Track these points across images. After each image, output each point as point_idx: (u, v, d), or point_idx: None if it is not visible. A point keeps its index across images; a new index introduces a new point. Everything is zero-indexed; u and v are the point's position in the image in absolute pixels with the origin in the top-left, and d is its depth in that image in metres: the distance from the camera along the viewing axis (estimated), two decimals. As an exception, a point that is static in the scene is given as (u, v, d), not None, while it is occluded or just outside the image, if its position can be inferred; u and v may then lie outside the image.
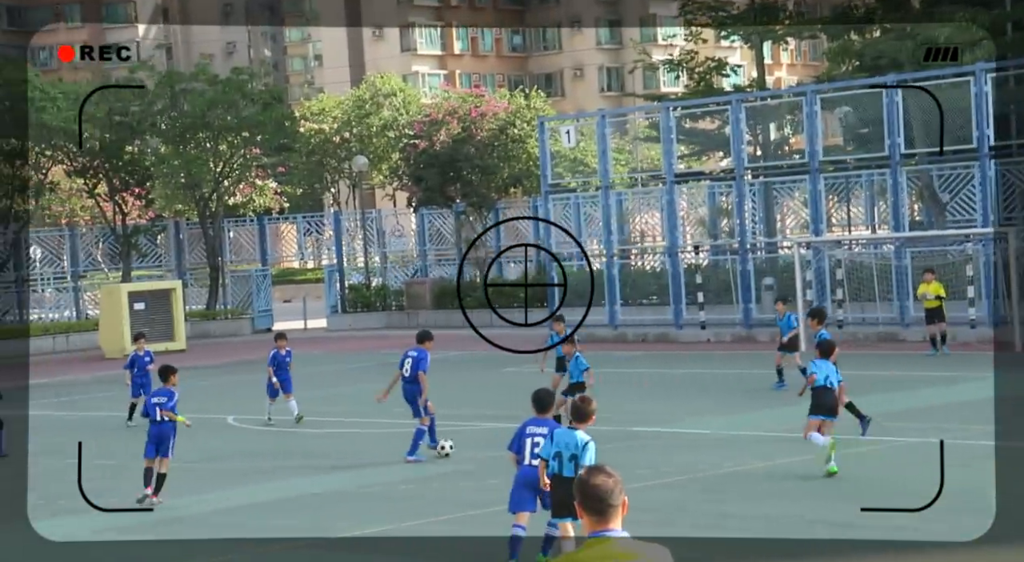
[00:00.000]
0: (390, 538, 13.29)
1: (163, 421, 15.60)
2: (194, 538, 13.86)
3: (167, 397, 15.79)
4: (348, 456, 18.24)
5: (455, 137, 44.28)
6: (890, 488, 13.89)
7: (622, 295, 35.79)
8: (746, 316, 33.15)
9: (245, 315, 45.14)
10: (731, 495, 14.43)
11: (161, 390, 16.04)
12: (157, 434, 15.57)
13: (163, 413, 15.66)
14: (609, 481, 5.27)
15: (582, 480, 5.31)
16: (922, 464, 14.86)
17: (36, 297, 45.49)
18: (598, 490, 5.24)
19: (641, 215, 41.77)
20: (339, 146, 61.76)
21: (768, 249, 36.08)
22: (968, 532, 12.00)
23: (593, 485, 5.26)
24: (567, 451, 10.83)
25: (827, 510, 13.32)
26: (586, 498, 5.27)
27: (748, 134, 35.80)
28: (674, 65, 46.59)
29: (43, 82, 42.95)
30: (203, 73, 44.91)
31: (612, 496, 5.24)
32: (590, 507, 5.25)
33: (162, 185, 45.99)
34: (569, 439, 10.88)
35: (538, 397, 11.66)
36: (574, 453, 10.79)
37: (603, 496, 5.23)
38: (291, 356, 22.22)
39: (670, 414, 20.68)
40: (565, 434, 11.00)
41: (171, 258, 47.77)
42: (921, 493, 13.19)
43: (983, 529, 12.06)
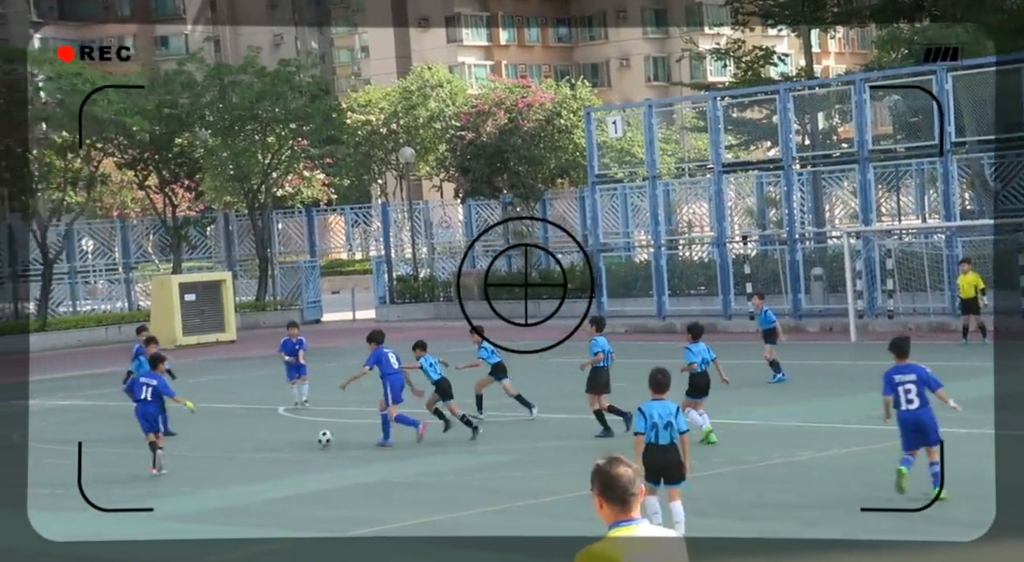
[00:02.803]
0: (438, 528, 13.34)
1: (147, 400, 16.88)
2: (241, 527, 13.99)
3: (156, 380, 17.14)
4: (396, 446, 18.31)
5: (502, 128, 44.30)
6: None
7: (670, 285, 35.69)
8: (795, 306, 32.97)
9: (294, 306, 45.41)
10: (775, 486, 14.37)
11: (151, 373, 17.30)
12: (143, 413, 16.85)
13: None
14: (629, 471, 5.45)
15: (604, 471, 5.46)
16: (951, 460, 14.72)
17: (88, 288, 46.00)
18: (621, 480, 5.42)
19: (688, 205, 41.63)
20: (386, 137, 61.93)
21: (817, 239, 35.86)
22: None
23: (616, 475, 5.43)
24: (661, 420, 11.55)
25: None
26: (608, 488, 5.43)
27: (796, 123, 35.57)
28: (721, 54, 46.35)
29: (94, 75, 43.32)
30: (251, 65, 45.14)
31: (633, 485, 5.43)
32: (613, 497, 5.42)
33: (211, 177, 46.33)
34: (661, 409, 11.64)
35: (655, 380, 11.97)
36: (668, 421, 11.56)
37: (626, 486, 5.41)
38: (303, 345, 22.68)
39: (718, 405, 20.60)
40: (656, 405, 11.68)
41: (221, 249, 48.11)
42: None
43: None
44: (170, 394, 17.36)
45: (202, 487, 16.36)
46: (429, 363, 18.55)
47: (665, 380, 12.01)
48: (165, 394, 17.27)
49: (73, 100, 40.26)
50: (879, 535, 12.24)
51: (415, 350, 18.74)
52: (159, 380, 17.32)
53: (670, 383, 12.13)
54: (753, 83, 42.10)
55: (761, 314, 23.32)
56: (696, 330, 17.65)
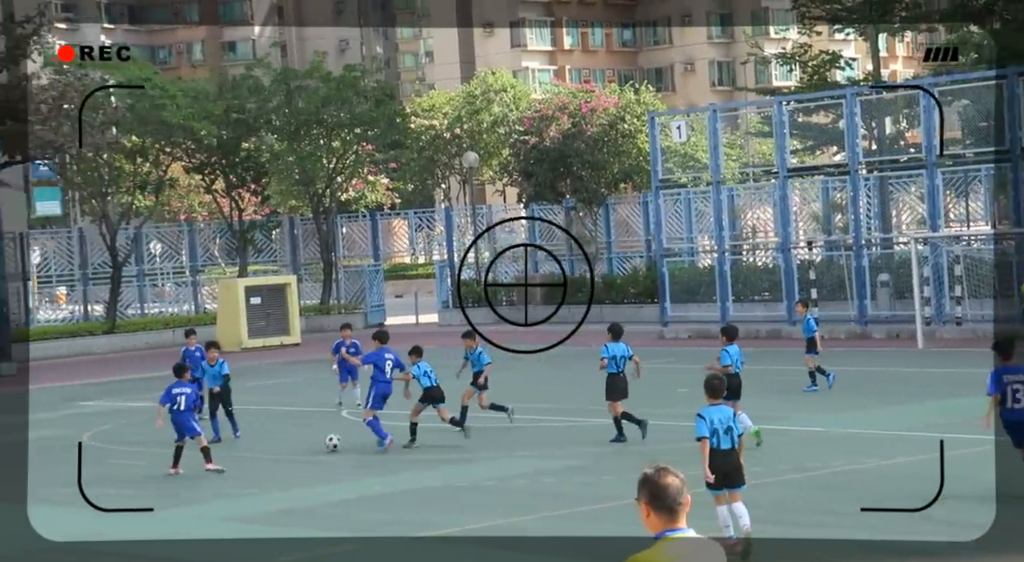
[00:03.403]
0: (504, 532, 13.36)
1: (179, 409, 17.34)
2: (308, 528, 14.09)
3: (189, 389, 17.62)
4: (460, 450, 18.36)
5: (565, 132, 44.29)
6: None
7: (733, 291, 35.49)
8: (861, 313, 32.66)
9: (358, 310, 45.68)
10: (841, 494, 14.24)
11: (180, 382, 17.68)
12: (176, 421, 17.38)
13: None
14: (677, 481, 5.45)
15: (652, 480, 5.46)
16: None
17: (156, 291, 46.57)
18: (669, 490, 5.42)
19: (752, 210, 41.37)
20: (450, 142, 62.12)
21: (884, 244, 35.49)
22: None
23: (664, 485, 5.43)
24: (722, 425, 11.64)
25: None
26: (657, 498, 5.43)
27: (863, 128, 35.24)
28: (787, 59, 46.03)
29: (163, 80, 43.90)
30: (317, 70, 45.50)
31: (681, 495, 5.43)
32: (661, 506, 5.42)
33: (277, 181, 46.74)
34: (720, 414, 11.77)
35: (712, 385, 12.09)
36: (729, 425, 11.67)
37: (674, 495, 5.42)
38: (357, 348, 22.66)
39: (782, 411, 20.47)
40: (715, 410, 11.76)
41: (286, 253, 48.52)
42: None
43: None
44: (201, 405, 18.34)
45: (266, 489, 16.50)
46: (422, 371, 18.59)
47: (721, 385, 12.12)
48: (196, 405, 18.02)
49: (143, 105, 40.82)
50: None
51: (411, 355, 18.80)
52: (192, 388, 17.83)
53: (725, 388, 12.24)
54: (819, 88, 41.76)
55: (804, 322, 23.15)
56: (731, 331, 17.90)
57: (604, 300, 41.79)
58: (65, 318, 44.75)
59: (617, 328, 18.32)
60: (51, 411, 25.79)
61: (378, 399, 18.55)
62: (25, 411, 26.55)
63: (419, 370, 18.56)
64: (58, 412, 25.86)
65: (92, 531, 14.36)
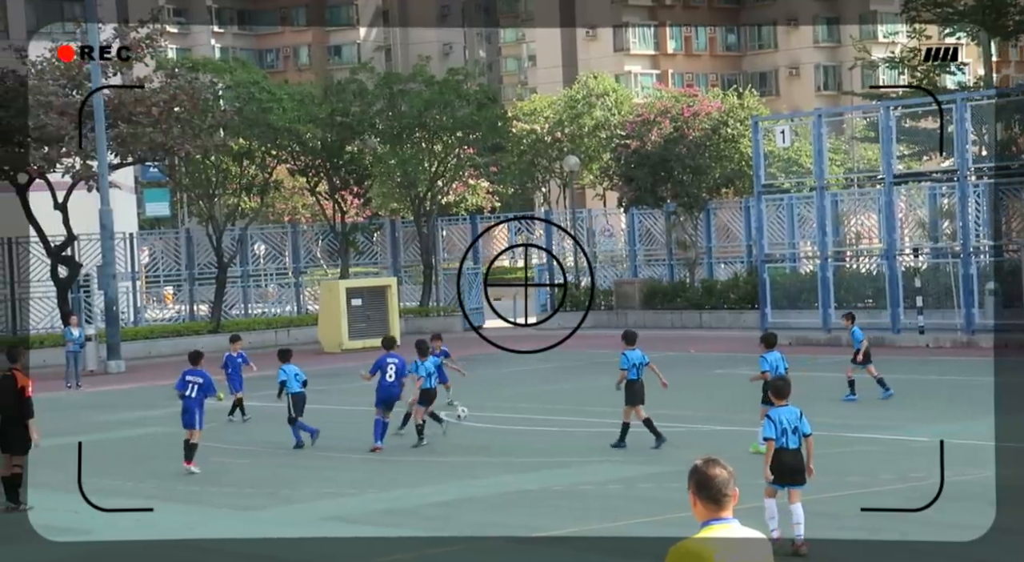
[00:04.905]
0: (600, 537, 13.33)
1: (190, 397, 17.60)
2: (409, 528, 14.18)
3: (202, 377, 17.80)
4: (556, 453, 18.35)
5: (667, 137, 44.06)
6: None
7: (836, 298, 35.00)
8: (968, 321, 32.00)
9: (457, 312, 45.92)
10: (945, 503, 13.97)
11: (194, 370, 17.93)
12: (185, 408, 17.66)
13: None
14: (724, 473, 5.68)
15: (700, 470, 5.70)
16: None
17: (260, 292, 47.26)
18: (716, 480, 5.65)
19: (856, 216, 40.76)
20: (551, 146, 62.19)
21: (993, 252, 34.74)
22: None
23: (711, 475, 5.67)
24: (789, 425, 12.10)
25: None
26: (704, 488, 5.66)
27: (973, 133, 34.54)
28: (895, 63, 45.28)
29: (270, 84, 44.55)
30: (420, 74, 45.82)
31: (728, 487, 5.66)
32: (708, 496, 5.65)
33: (379, 184, 47.12)
34: (788, 414, 12.20)
35: (777, 387, 12.68)
36: (795, 426, 12.12)
37: (721, 487, 5.64)
38: (445, 354, 22.97)
39: (887, 420, 20.14)
40: (784, 411, 12.22)
41: (387, 255, 48.93)
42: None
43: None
44: (213, 393, 18.49)
45: (364, 489, 16.63)
46: (427, 372, 19.25)
47: (786, 386, 12.58)
48: (209, 393, 18.18)
49: (250, 108, 41.45)
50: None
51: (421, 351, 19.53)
52: (204, 377, 17.96)
53: (790, 389, 12.57)
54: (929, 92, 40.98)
55: (852, 333, 23.27)
56: (769, 339, 18.41)
57: (704, 305, 41.49)
58: (172, 318, 45.60)
59: (771, 337, 18.64)
60: (156, 409, 26.28)
61: (380, 402, 19.10)
62: (132, 407, 27.13)
63: (425, 369, 19.31)
64: (162, 410, 26.35)
65: (204, 529, 14.61)
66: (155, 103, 36.74)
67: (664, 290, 43.31)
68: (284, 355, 20.52)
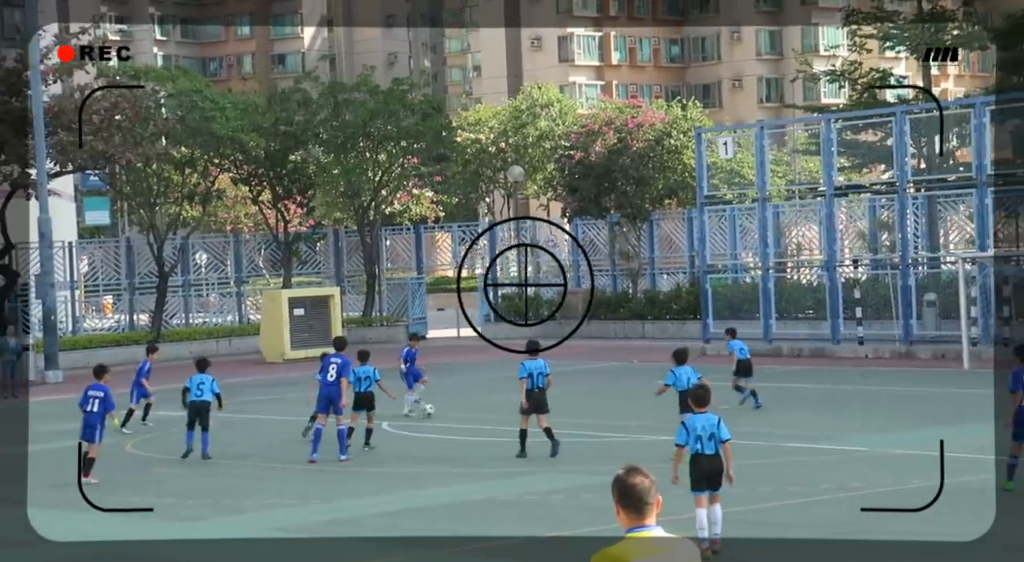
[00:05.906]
0: (545, 545, 13.34)
1: (92, 411, 17.67)
2: (353, 539, 14.11)
3: (103, 392, 17.83)
4: (497, 463, 18.34)
5: (611, 148, 44.26)
6: None
7: (777, 309, 35.30)
8: (906, 332, 32.38)
9: (400, 322, 45.82)
10: (888, 514, 14.11)
11: (97, 385, 17.96)
12: (86, 423, 17.71)
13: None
14: (646, 481, 5.72)
15: (622, 480, 5.73)
16: None
17: (201, 301, 46.88)
18: (636, 489, 5.70)
19: (798, 228, 41.15)
20: (495, 156, 62.19)
21: (931, 264, 35.18)
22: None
23: (632, 484, 5.71)
24: (705, 432, 12.35)
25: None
26: (626, 496, 5.71)
27: (912, 146, 34.99)
28: (836, 76, 45.80)
29: (213, 92, 44.25)
30: (365, 83, 45.71)
31: (649, 495, 5.70)
32: (630, 504, 5.70)
33: (323, 193, 46.92)
34: (704, 421, 12.44)
35: (697, 395, 12.80)
36: (712, 433, 12.35)
37: (642, 495, 5.69)
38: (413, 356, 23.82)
39: (827, 430, 20.32)
40: (700, 418, 12.47)
41: (330, 265, 48.74)
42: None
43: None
44: (113, 407, 18.27)
45: (307, 500, 16.54)
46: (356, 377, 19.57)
47: (707, 395, 12.76)
48: (109, 409, 18.02)
49: (193, 116, 41.15)
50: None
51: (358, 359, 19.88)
52: (105, 392, 17.98)
53: (710, 397, 12.77)
54: (868, 105, 41.51)
55: (734, 344, 23.87)
56: (681, 355, 18.52)
57: (647, 316, 41.69)
58: (111, 327, 45.12)
59: (682, 353, 18.67)
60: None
61: (322, 402, 19.22)
62: (68, 418, 26.78)
63: (353, 375, 19.53)
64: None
65: (106, 533, 14.46)
66: (96, 111, 36.38)
67: (607, 300, 43.45)
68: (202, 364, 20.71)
